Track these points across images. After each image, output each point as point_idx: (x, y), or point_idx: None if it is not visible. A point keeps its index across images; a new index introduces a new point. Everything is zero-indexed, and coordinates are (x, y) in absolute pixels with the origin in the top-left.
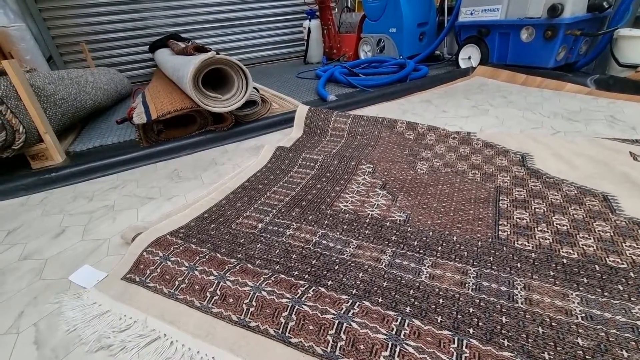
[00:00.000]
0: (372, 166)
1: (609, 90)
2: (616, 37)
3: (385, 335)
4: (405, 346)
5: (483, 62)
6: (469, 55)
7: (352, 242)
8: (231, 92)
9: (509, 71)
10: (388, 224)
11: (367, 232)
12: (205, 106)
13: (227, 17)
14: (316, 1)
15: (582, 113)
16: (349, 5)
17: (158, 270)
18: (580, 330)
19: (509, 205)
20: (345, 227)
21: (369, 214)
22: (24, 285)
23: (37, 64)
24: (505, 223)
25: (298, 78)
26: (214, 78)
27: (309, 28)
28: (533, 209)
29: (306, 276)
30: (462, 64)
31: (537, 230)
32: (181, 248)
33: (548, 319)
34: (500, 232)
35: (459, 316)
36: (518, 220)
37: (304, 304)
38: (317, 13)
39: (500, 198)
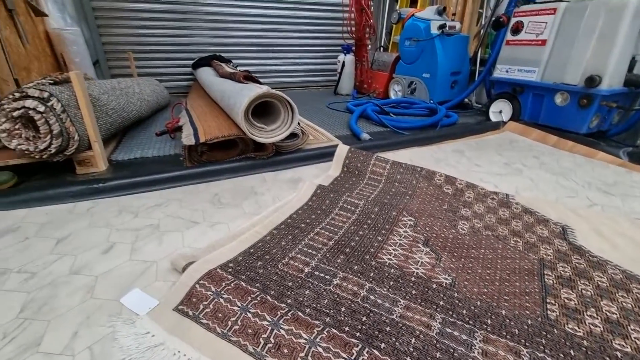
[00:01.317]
0: (413, 219)
1: None
2: None
3: None
4: None
5: (514, 118)
6: (500, 110)
7: (400, 302)
8: (276, 123)
9: (540, 131)
10: (434, 285)
11: (414, 292)
12: (251, 135)
13: (266, 43)
14: (354, 38)
15: (618, 187)
16: (384, 45)
17: (211, 306)
18: None
19: (554, 282)
20: (391, 283)
21: (414, 271)
22: (77, 302)
23: (84, 67)
24: (553, 302)
25: (329, 108)
26: (259, 105)
27: (344, 62)
28: (580, 289)
29: (358, 334)
30: (493, 117)
31: (587, 315)
32: (232, 285)
33: None
34: (549, 312)
35: None
36: (566, 301)
37: None
38: (353, 48)
39: (545, 272)
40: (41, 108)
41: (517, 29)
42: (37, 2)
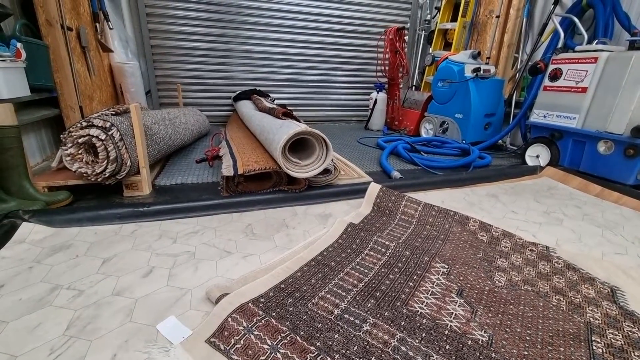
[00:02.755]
0: (446, 266)
1: None
2: None
3: None
4: None
5: (552, 163)
6: (538, 154)
7: (433, 357)
8: (311, 158)
9: (581, 179)
10: (470, 342)
11: (447, 347)
12: (286, 170)
13: (302, 79)
14: (387, 77)
15: None
16: (416, 84)
17: (242, 342)
18: None
19: (604, 351)
20: (424, 335)
21: (447, 324)
22: (117, 324)
23: (138, 96)
24: None
25: (359, 143)
26: (295, 140)
27: (376, 99)
28: None
29: None
30: (530, 161)
31: None
32: (263, 321)
33: None
34: None
35: None
36: None
37: None
38: (386, 87)
39: (593, 339)
40: (102, 136)
41: (555, 76)
42: (106, 39)
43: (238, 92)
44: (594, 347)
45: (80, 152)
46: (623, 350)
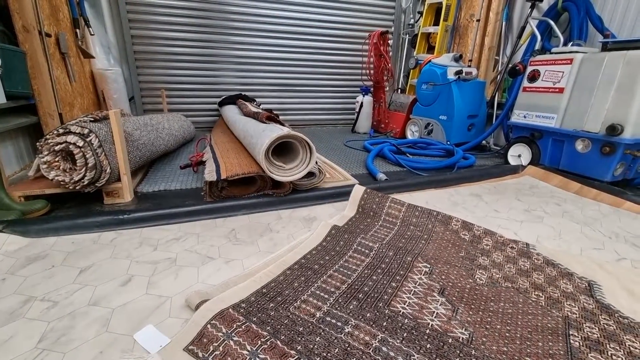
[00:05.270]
0: (429, 266)
1: None
2: None
3: None
4: None
5: (534, 162)
6: (519, 154)
7: (414, 356)
8: (295, 162)
9: (561, 177)
10: (450, 340)
11: (428, 345)
12: (270, 173)
13: (288, 83)
14: (372, 80)
15: None
16: (401, 87)
17: (221, 348)
18: None
19: (581, 344)
20: (405, 334)
21: (429, 323)
22: (92, 335)
23: (121, 102)
24: None
25: (346, 146)
26: (279, 144)
27: (362, 102)
28: (609, 355)
29: None
30: (512, 161)
31: None
32: (243, 327)
33: None
34: None
35: None
36: None
37: None
38: (371, 90)
39: (571, 333)
40: (80, 143)
41: (533, 77)
42: (87, 45)
43: (223, 97)
44: (572, 341)
45: (57, 159)
46: (599, 343)
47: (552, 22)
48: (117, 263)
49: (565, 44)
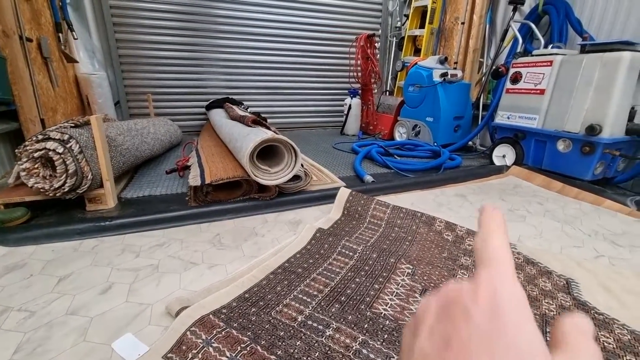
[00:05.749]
0: (411, 267)
1: None
2: None
3: None
4: None
5: (517, 162)
6: (504, 154)
7: (394, 357)
8: (280, 166)
9: (544, 176)
10: None
11: None
12: (255, 177)
13: (276, 86)
14: (360, 83)
15: (625, 237)
16: (389, 89)
17: (199, 355)
18: None
19: None
20: (385, 336)
21: None
22: (69, 345)
23: (106, 107)
24: None
25: (334, 148)
26: (265, 147)
27: (350, 105)
28: None
29: None
30: (497, 161)
31: None
32: (223, 333)
33: None
34: None
35: None
36: None
37: None
38: (359, 92)
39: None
40: (60, 149)
41: (516, 79)
42: (70, 50)
43: (211, 101)
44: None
45: (36, 166)
46: None
47: (533, 25)
48: (97, 271)
49: (546, 46)
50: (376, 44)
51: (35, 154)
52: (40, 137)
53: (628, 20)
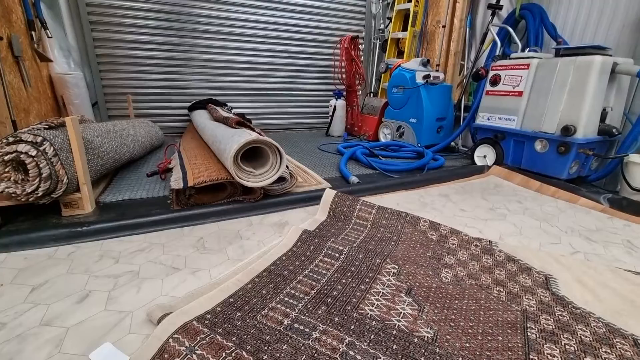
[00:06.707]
0: (397, 267)
1: (623, 210)
2: (626, 162)
3: None
4: None
5: (498, 162)
6: (485, 154)
7: (380, 358)
8: (265, 167)
9: (523, 175)
10: (416, 340)
11: (394, 346)
12: (239, 179)
13: (261, 87)
14: (344, 84)
15: (599, 233)
16: (374, 91)
17: None
18: None
19: (537, 335)
20: (372, 337)
21: (395, 324)
22: (43, 357)
23: (83, 109)
24: (537, 358)
25: (320, 150)
26: (250, 149)
27: (335, 106)
28: (563, 344)
29: None
30: (478, 161)
31: None
32: (207, 339)
33: None
34: None
35: None
36: (549, 357)
37: None
38: (344, 94)
39: (528, 325)
40: (33, 152)
41: (495, 81)
42: (44, 49)
43: (193, 102)
44: (529, 333)
45: (7, 170)
46: (554, 334)
47: (510, 29)
48: (73, 279)
49: (523, 50)
50: (360, 46)
51: (6, 157)
52: (11, 139)
53: (599, 26)
